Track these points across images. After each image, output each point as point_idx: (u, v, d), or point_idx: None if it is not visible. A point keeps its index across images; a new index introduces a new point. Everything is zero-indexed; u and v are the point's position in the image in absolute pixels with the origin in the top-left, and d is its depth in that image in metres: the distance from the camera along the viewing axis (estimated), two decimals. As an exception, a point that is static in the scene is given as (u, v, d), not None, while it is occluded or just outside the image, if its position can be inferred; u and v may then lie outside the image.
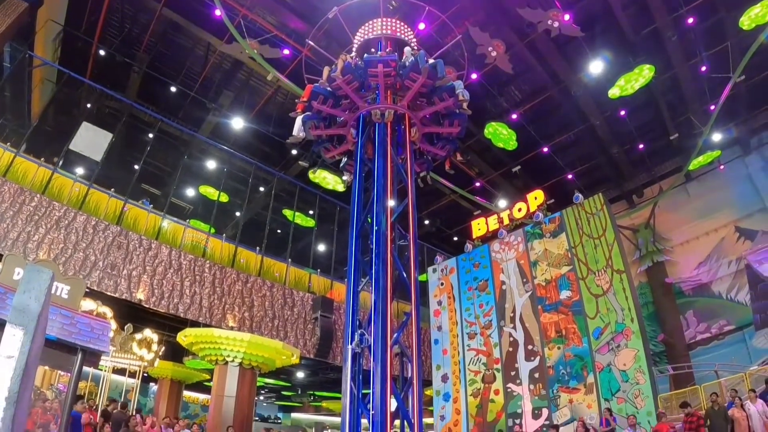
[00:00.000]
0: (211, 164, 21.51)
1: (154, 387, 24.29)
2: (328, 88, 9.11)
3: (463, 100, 8.99)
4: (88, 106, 19.59)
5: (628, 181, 22.97)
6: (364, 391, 7.10)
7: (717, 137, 19.62)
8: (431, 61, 9.12)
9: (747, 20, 15.03)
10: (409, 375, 7.60)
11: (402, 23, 11.02)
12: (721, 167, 21.12)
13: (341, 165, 10.22)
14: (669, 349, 21.03)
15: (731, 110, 18.74)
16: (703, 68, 17.34)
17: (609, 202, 16.54)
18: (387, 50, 9.81)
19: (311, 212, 22.19)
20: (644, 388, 13.29)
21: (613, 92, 17.36)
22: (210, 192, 21.79)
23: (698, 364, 18.95)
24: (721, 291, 20.33)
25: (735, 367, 15.62)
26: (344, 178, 10.36)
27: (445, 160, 10.41)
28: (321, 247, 23.03)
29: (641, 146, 21.09)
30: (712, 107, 17.72)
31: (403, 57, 9.16)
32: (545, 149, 20.22)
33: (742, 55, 15.90)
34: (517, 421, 14.93)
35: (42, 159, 15.35)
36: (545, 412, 14.77)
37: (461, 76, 10.13)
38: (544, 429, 14.09)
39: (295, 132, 9.55)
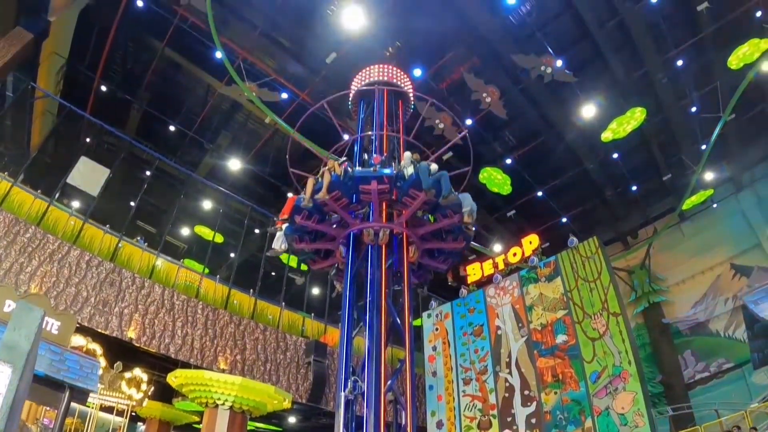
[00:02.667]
0: (207, 204, 21.51)
1: (141, 427, 23.66)
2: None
3: (469, 221, 8.05)
4: (88, 140, 19.73)
5: (623, 223, 23.09)
6: (357, 439, 6.95)
7: (709, 176, 19.84)
8: (434, 166, 7.95)
9: (735, 60, 15.46)
10: (403, 422, 7.46)
11: (398, 70, 11.24)
12: (714, 205, 21.27)
13: (330, 275, 9.34)
14: (668, 390, 20.73)
15: (722, 148, 19.00)
16: (694, 108, 17.71)
17: (604, 244, 16.58)
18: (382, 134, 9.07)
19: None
20: (644, 431, 13.11)
21: (606, 136, 17.68)
22: (205, 232, 21.76)
23: (698, 404, 18.71)
24: (718, 329, 20.17)
25: (735, 405, 15.40)
26: (336, 287, 9.21)
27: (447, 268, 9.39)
28: (315, 291, 22.80)
29: (634, 188, 21.34)
30: (704, 146, 18.00)
31: (402, 162, 8.05)
32: (540, 193, 20.40)
33: (731, 93, 16.25)
34: (514, 469, 14.62)
35: (39, 191, 15.38)
36: (543, 460, 14.48)
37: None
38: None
39: (275, 246, 8.57)
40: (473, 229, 8.56)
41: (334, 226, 8.47)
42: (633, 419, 13.37)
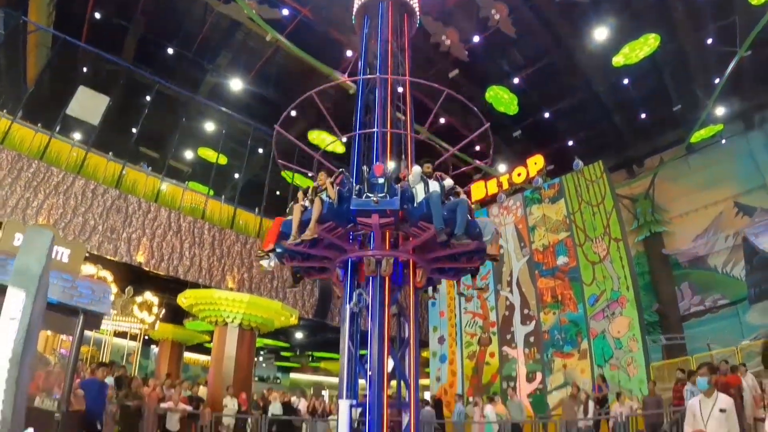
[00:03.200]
0: (209, 126, 21.27)
1: (155, 349, 24.67)
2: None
3: (495, 252, 6.84)
4: (84, 70, 19.30)
5: (629, 150, 22.72)
6: (361, 352, 7.05)
7: (720, 111, 19.33)
8: (448, 182, 6.74)
9: (756, -5, 14.68)
10: (407, 336, 7.60)
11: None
12: (723, 141, 20.92)
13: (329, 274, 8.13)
14: (663, 320, 21.19)
15: (736, 85, 18.33)
16: (710, 41, 17.01)
17: (609, 170, 16.52)
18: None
19: (311, 174, 21.85)
20: (637, 356, 13.56)
21: (618, 60, 17.10)
22: (209, 154, 21.60)
23: (691, 336, 19.13)
24: (717, 265, 20.28)
25: (727, 341, 15.73)
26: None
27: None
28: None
29: (643, 116, 20.87)
30: (717, 80, 17.46)
31: (410, 177, 6.67)
32: (546, 115, 19.95)
33: (749, 29, 15.54)
34: (512, 384, 15.26)
35: (39, 125, 15.28)
36: (539, 375, 15.09)
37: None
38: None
39: (264, 264, 7.59)
40: (501, 254, 7.74)
41: (329, 248, 7.24)
42: (627, 344, 13.79)
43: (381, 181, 6.46)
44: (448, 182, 6.74)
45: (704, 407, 4.45)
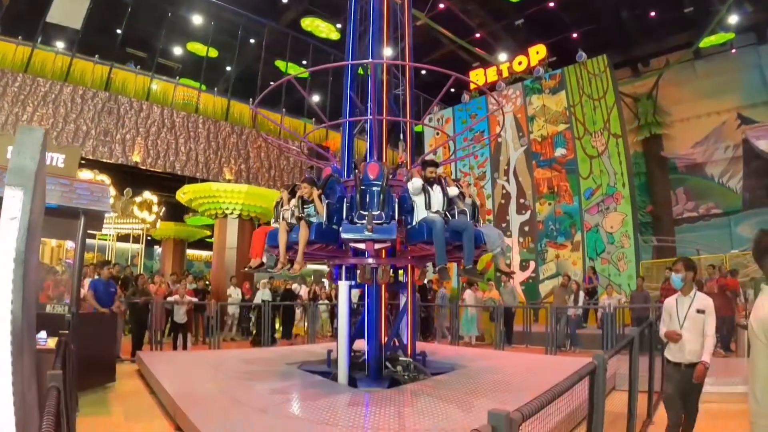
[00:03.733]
0: (197, 19, 20.18)
1: (158, 250, 25.27)
2: None
3: (506, 271, 6.67)
4: (61, -26, 18.16)
5: (635, 49, 21.87)
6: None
7: (733, 19, 18.48)
8: (453, 191, 6.12)
9: None
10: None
11: None
12: (733, 51, 20.19)
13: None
14: (655, 222, 21.56)
15: None
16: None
17: (613, 66, 16.04)
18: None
19: (304, 62, 21.38)
20: (628, 253, 13.91)
21: (630, -51, 16.11)
22: (198, 48, 20.76)
23: (681, 240, 19.50)
24: (713, 174, 20.36)
25: (716, 250, 15.99)
26: None
27: None
28: (315, 98, 22.21)
29: (653, 14, 19.93)
30: (734, -13, 16.53)
31: (410, 186, 5.91)
32: (551, 4, 18.96)
33: None
34: (506, 272, 15.73)
35: (20, 37, 14.86)
36: (532, 264, 15.56)
37: None
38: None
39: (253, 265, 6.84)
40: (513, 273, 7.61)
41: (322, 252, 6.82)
42: (620, 240, 14.09)
43: (376, 188, 5.82)
44: (453, 191, 6.15)
45: (681, 307, 3.94)
